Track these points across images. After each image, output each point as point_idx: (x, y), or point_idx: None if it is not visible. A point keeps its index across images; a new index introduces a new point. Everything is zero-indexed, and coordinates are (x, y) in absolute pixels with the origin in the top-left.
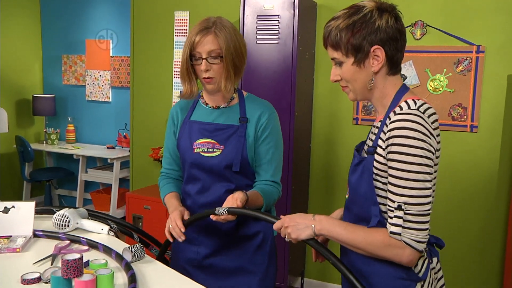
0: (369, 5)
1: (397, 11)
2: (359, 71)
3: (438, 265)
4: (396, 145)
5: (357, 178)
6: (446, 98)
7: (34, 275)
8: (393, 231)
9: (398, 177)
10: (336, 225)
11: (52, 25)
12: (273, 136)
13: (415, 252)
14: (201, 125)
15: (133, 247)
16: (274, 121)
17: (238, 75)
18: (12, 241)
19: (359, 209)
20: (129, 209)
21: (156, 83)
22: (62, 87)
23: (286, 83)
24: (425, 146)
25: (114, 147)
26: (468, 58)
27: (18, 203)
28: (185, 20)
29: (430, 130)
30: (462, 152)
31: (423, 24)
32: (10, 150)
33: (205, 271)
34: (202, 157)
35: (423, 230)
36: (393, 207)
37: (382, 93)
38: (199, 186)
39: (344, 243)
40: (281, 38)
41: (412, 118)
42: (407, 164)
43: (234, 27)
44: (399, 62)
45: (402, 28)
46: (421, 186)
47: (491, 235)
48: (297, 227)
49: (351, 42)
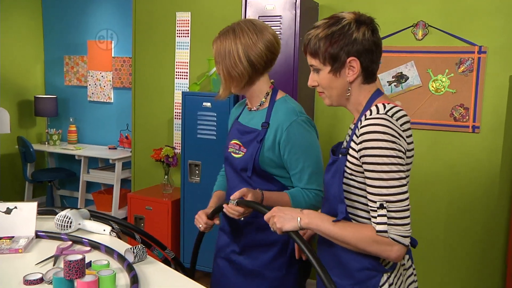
0: (348, 17)
1: (375, 24)
2: (335, 79)
3: (409, 262)
4: (368, 148)
5: (329, 177)
6: (448, 99)
7: (36, 275)
8: (380, 229)
9: (375, 179)
10: (325, 220)
11: (54, 26)
12: (298, 145)
13: (402, 247)
14: (238, 126)
15: (135, 248)
16: (297, 129)
17: (237, 81)
18: (14, 241)
19: (330, 206)
20: (130, 210)
21: (158, 83)
22: (64, 88)
23: (288, 83)
24: (396, 147)
25: (116, 147)
26: (470, 58)
27: (21, 204)
28: (187, 21)
29: (398, 131)
30: (463, 153)
31: (424, 25)
32: (12, 150)
33: (233, 267)
34: (231, 156)
35: (406, 225)
36: (376, 207)
37: (357, 100)
38: (229, 184)
39: (332, 238)
40: (283, 38)
41: (380, 122)
42: (382, 165)
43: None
44: (374, 72)
45: (378, 40)
46: (399, 183)
47: (493, 236)
48: (283, 217)
49: (328, 52)
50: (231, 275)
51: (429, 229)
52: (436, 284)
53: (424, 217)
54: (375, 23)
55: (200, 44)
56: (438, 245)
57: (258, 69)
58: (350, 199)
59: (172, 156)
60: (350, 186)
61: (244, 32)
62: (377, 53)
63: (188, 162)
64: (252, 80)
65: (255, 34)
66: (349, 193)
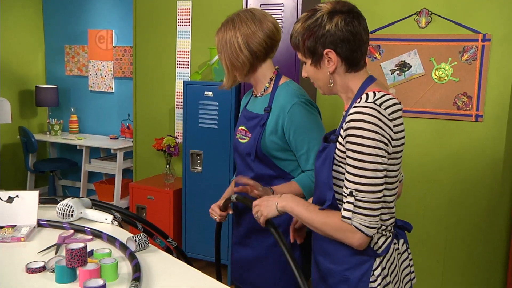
0: (324, 8)
1: (354, 12)
2: (317, 71)
3: (403, 247)
4: (351, 135)
5: (319, 164)
6: (451, 87)
7: (38, 264)
8: (344, 215)
9: (351, 166)
10: (300, 204)
11: (55, 15)
12: (302, 126)
13: (364, 236)
14: (245, 113)
15: (137, 236)
16: (298, 111)
17: (240, 70)
18: (16, 230)
19: (319, 192)
20: (132, 200)
21: (159, 73)
22: (65, 78)
23: (289, 72)
24: (377, 137)
25: (118, 137)
26: (474, 46)
27: (22, 192)
28: (188, 9)
29: (384, 121)
30: (467, 141)
31: (428, 13)
32: (13, 141)
33: (244, 249)
34: (238, 142)
35: (373, 217)
36: (346, 193)
37: (344, 88)
38: (238, 170)
39: (304, 221)
40: (285, 27)
41: (366, 111)
42: (359, 154)
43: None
44: (358, 60)
45: (355, 29)
46: (372, 174)
47: (496, 225)
48: (266, 205)
49: (306, 45)
50: (244, 261)
51: (431, 217)
52: (438, 271)
53: (426, 205)
54: (355, 11)
55: (201, 32)
56: (440, 232)
57: (259, 56)
58: (339, 186)
59: (174, 145)
60: (339, 172)
61: (243, 22)
62: (356, 41)
63: (190, 152)
64: (255, 67)
65: (253, 23)
66: (338, 179)
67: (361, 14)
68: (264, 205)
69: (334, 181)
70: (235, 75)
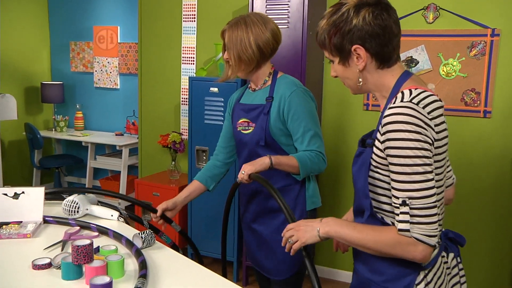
0: (349, 2)
1: (382, 4)
2: (346, 69)
3: (453, 261)
4: (391, 140)
5: (356, 170)
6: (458, 83)
7: (44, 260)
8: (401, 228)
9: (398, 173)
10: (344, 226)
11: (60, 11)
12: (300, 111)
13: (427, 247)
14: (242, 106)
15: (143, 233)
16: (297, 97)
17: (246, 65)
18: (22, 226)
19: (357, 200)
20: (138, 196)
21: (165, 69)
22: (70, 74)
23: (295, 68)
24: (421, 138)
25: (123, 134)
26: (482, 41)
27: (28, 189)
28: (193, 5)
29: (425, 120)
30: (475, 138)
31: (436, 7)
32: (19, 137)
33: (252, 233)
34: (241, 133)
35: (432, 223)
36: (398, 204)
37: (378, 86)
38: (242, 160)
39: (353, 243)
40: (291, 22)
41: (403, 111)
42: (405, 158)
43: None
44: (390, 55)
45: (384, 22)
46: (423, 178)
47: (506, 222)
48: (305, 230)
49: (332, 43)
50: (253, 243)
51: None
52: None
53: None
54: (383, 2)
55: (206, 28)
56: None
57: (265, 54)
58: (376, 193)
59: (179, 142)
60: (376, 179)
61: (254, 23)
62: (386, 35)
63: (195, 148)
64: (260, 65)
65: (263, 24)
66: (375, 186)
67: (390, 5)
68: (302, 230)
69: (370, 188)
70: (240, 70)
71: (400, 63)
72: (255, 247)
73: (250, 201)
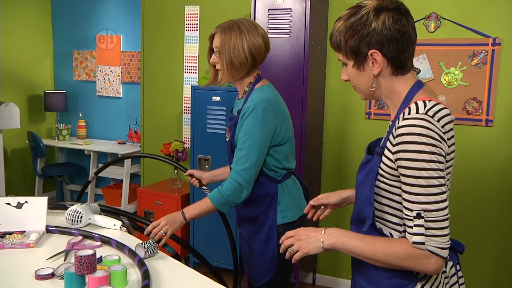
0: (369, 5)
1: (402, 9)
2: (359, 74)
3: (452, 270)
4: (405, 151)
5: (362, 178)
6: (460, 92)
7: (47, 270)
8: (416, 240)
9: (413, 185)
10: (352, 238)
11: (63, 20)
12: (246, 126)
13: (440, 259)
14: (229, 115)
15: (146, 243)
16: (252, 114)
17: (237, 71)
18: (25, 236)
19: (358, 208)
20: (140, 205)
21: (167, 78)
22: (73, 83)
23: (298, 77)
24: (436, 151)
25: (125, 142)
26: (484, 51)
27: (31, 198)
28: (196, 14)
29: (439, 134)
30: (477, 147)
31: (437, 17)
32: (22, 145)
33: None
34: (225, 141)
35: (445, 236)
36: (412, 216)
37: (390, 93)
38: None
39: (361, 256)
40: (293, 31)
41: (419, 123)
42: (421, 170)
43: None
44: (405, 62)
45: (403, 27)
46: (438, 191)
47: (506, 231)
48: (307, 240)
49: (348, 45)
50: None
51: None
52: None
53: None
54: (403, 8)
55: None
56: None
57: (256, 61)
58: (380, 203)
59: (182, 150)
60: (381, 189)
61: (247, 29)
62: (404, 40)
63: (197, 157)
64: (249, 72)
65: (255, 30)
66: (379, 196)
67: (409, 11)
68: (304, 240)
69: (375, 197)
70: (229, 76)
71: (413, 72)
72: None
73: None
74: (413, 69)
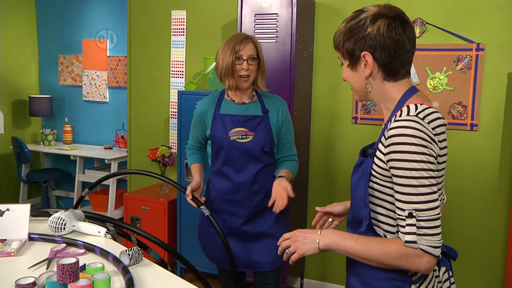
0: (369, 10)
1: (400, 18)
2: (353, 74)
3: (445, 275)
4: (396, 152)
5: (356, 179)
6: (445, 97)
7: (29, 280)
8: (409, 239)
9: (404, 185)
10: (346, 238)
11: (48, 25)
12: (289, 122)
13: (432, 258)
14: (233, 117)
15: (131, 250)
16: (287, 109)
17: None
18: (6, 244)
19: (354, 209)
20: (127, 210)
21: (154, 83)
22: (58, 88)
23: (284, 82)
24: (427, 151)
25: (112, 147)
26: (468, 56)
27: (13, 205)
28: (182, 19)
29: (430, 135)
30: (462, 150)
31: (422, 22)
32: (6, 151)
33: (238, 238)
34: (237, 142)
35: (437, 235)
36: (404, 216)
37: (383, 97)
38: (236, 167)
39: (356, 256)
40: (279, 37)
41: (409, 125)
42: (412, 171)
43: None
44: (397, 69)
45: (397, 36)
46: (429, 190)
47: (493, 234)
48: (303, 242)
49: (345, 46)
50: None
51: None
52: None
53: None
54: (401, 18)
55: (196, 42)
56: None
57: None
58: (373, 203)
59: (168, 155)
60: (374, 190)
61: None
62: (396, 49)
63: (184, 162)
64: None
65: None
66: (372, 196)
67: (409, 21)
68: (301, 241)
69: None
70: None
71: (408, 79)
72: (247, 249)
73: (241, 206)
74: (408, 76)
